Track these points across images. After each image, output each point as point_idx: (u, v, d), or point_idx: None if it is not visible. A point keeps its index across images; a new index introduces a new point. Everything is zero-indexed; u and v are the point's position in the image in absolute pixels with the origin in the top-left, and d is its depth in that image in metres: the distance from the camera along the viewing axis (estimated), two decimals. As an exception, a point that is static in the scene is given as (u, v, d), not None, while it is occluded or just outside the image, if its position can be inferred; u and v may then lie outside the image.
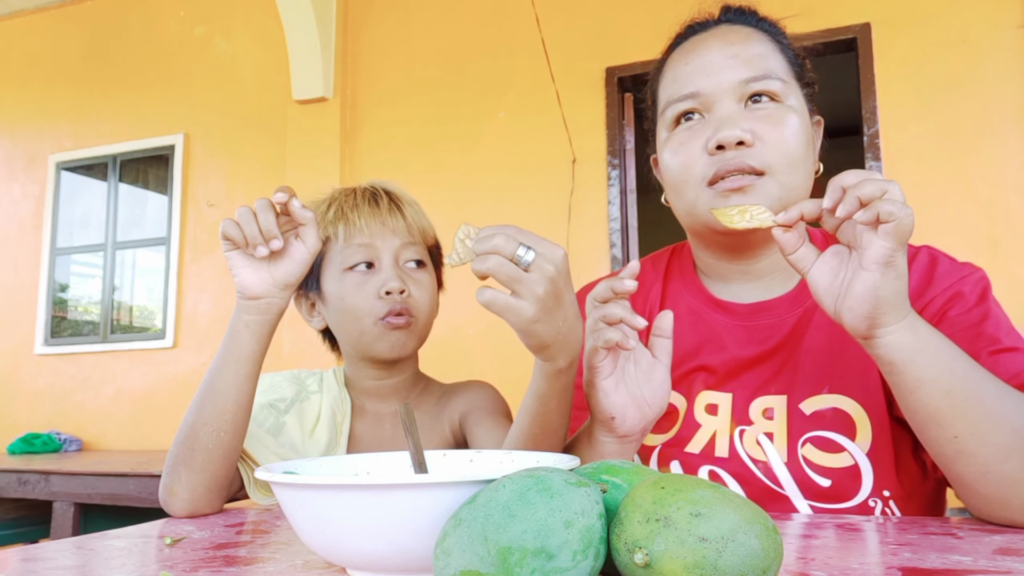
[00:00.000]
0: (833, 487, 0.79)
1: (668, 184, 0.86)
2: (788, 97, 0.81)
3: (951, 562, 0.53)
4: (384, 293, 1.01)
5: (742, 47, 0.82)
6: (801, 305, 0.85)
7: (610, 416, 0.74)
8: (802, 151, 0.80)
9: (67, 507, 3.00)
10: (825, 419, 0.80)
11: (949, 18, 3.02)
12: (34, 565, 0.61)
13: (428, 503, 0.47)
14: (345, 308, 1.03)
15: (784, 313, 0.85)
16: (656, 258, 0.99)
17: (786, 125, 0.79)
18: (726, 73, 0.80)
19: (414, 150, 3.91)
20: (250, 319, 0.84)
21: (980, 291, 0.78)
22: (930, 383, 0.64)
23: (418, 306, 1.04)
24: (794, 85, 0.83)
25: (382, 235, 1.04)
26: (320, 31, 3.91)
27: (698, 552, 0.40)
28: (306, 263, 0.84)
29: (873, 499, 0.78)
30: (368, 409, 1.10)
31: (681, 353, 0.88)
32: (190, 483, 0.86)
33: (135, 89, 4.68)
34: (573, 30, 3.65)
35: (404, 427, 0.66)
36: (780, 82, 0.80)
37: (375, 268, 1.04)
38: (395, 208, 1.07)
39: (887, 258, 0.61)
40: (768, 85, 0.80)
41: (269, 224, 0.79)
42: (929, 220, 2.96)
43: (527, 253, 0.62)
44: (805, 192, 0.81)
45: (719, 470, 0.84)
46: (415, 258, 1.06)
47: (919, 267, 0.81)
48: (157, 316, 4.52)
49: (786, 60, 0.84)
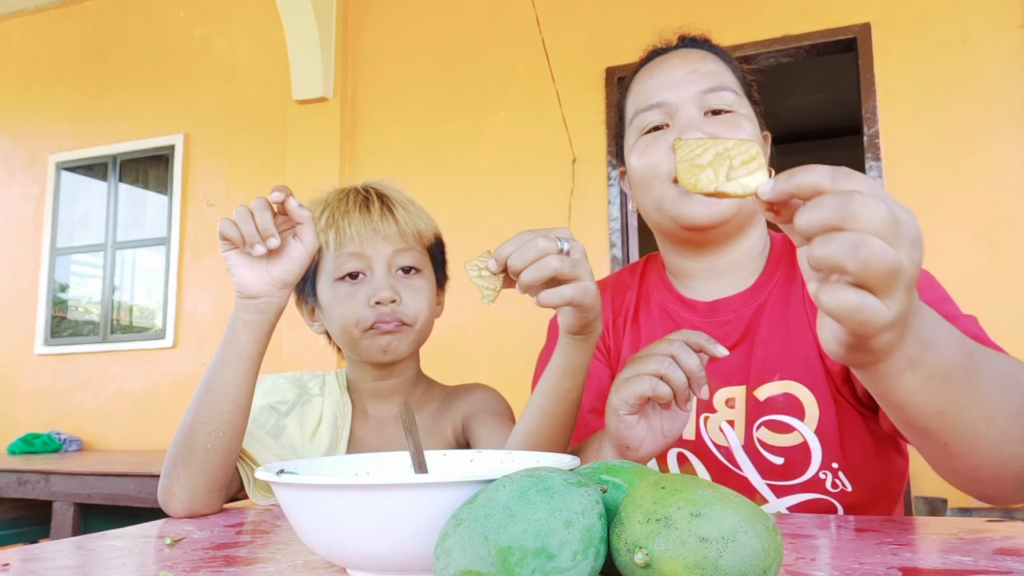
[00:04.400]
0: (786, 464, 0.85)
1: (636, 185, 0.93)
2: (742, 108, 0.90)
3: (951, 562, 0.53)
4: (374, 303, 1.00)
5: (699, 64, 0.91)
6: (756, 300, 0.91)
7: (626, 445, 0.75)
8: None
9: (67, 507, 3.00)
10: (777, 404, 0.86)
11: (949, 18, 3.02)
12: (34, 565, 0.61)
13: (428, 503, 0.47)
14: (335, 317, 1.03)
15: (740, 308, 0.92)
16: (634, 266, 1.07)
17: (742, 129, 0.87)
18: (688, 86, 0.89)
19: (414, 150, 3.91)
20: (249, 318, 0.84)
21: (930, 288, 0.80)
22: (919, 407, 0.57)
23: (411, 313, 1.02)
24: (745, 100, 0.92)
25: (373, 242, 1.02)
26: (320, 31, 3.91)
27: (698, 552, 0.40)
28: (304, 262, 0.84)
29: (823, 472, 0.84)
30: (370, 412, 1.10)
31: None
32: (189, 483, 0.86)
33: (135, 89, 4.68)
34: (573, 30, 3.65)
35: (404, 427, 0.66)
36: (734, 94, 0.89)
37: (367, 276, 1.03)
38: (387, 212, 1.04)
39: (847, 343, 0.49)
40: (724, 96, 0.88)
41: (266, 223, 0.79)
42: (929, 220, 2.96)
43: (563, 242, 0.67)
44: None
45: (686, 451, 0.92)
46: (408, 264, 1.04)
47: None
48: (157, 316, 4.52)
49: (737, 78, 0.93)
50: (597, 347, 0.97)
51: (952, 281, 2.93)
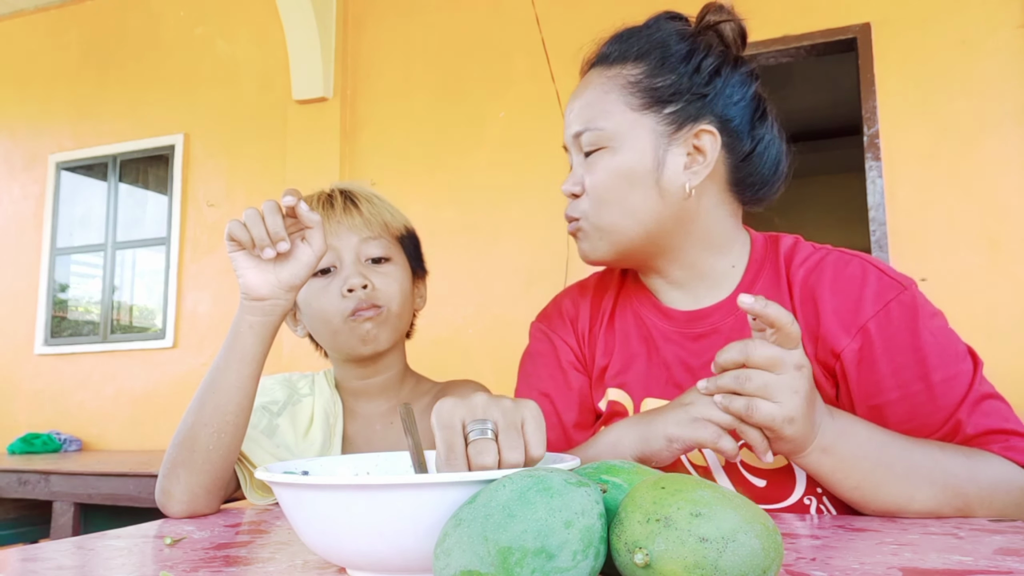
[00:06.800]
0: (768, 487, 0.81)
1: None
2: (616, 138, 0.84)
3: (951, 562, 0.53)
4: (347, 291, 1.01)
5: (584, 98, 0.87)
6: (734, 311, 0.86)
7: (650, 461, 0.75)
8: (616, 193, 0.84)
9: (67, 507, 3.00)
10: None
11: (949, 18, 3.02)
12: (34, 565, 0.61)
13: (428, 503, 0.47)
14: (314, 312, 1.04)
15: (719, 321, 0.86)
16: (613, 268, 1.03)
17: (600, 171, 0.84)
18: (571, 128, 0.88)
19: (414, 150, 3.91)
20: (254, 320, 0.84)
21: (909, 316, 0.76)
22: (839, 483, 0.71)
23: (384, 297, 1.03)
24: (638, 116, 0.84)
25: (338, 234, 1.04)
26: (320, 31, 3.91)
27: (698, 552, 0.40)
28: (312, 265, 0.84)
29: (808, 497, 0.80)
30: (359, 410, 1.10)
31: (627, 355, 0.91)
32: (188, 484, 0.86)
33: (135, 89, 4.68)
34: (573, 30, 3.65)
35: (404, 427, 0.66)
36: (597, 132, 0.84)
37: (338, 268, 1.04)
38: (351, 206, 1.06)
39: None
40: (588, 137, 0.85)
41: (277, 226, 0.79)
42: (929, 220, 2.96)
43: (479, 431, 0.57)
44: (634, 224, 0.84)
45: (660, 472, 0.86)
46: (377, 254, 1.05)
47: (849, 284, 0.79)
48: (157, 316, 4.52)
49: (637, 91, 0.84)
50: (573, 357, 0.95)
51: (952, 281, 2.93)
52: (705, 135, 0.83)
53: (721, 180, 0.86)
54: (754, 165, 0.86)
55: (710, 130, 0.83)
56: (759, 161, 0.86)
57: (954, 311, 0.82)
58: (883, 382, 0.76)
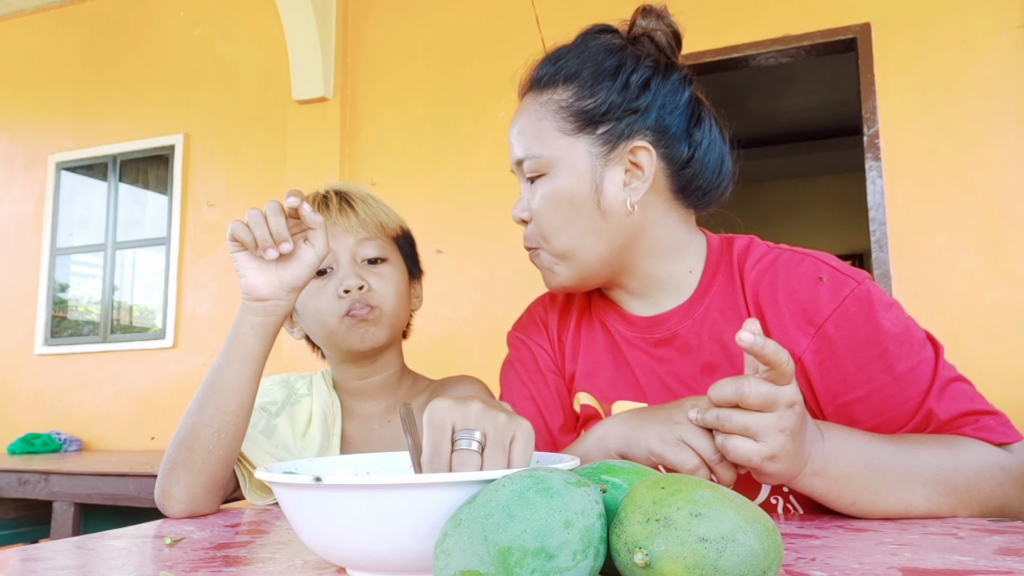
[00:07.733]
0: (735, 487, 0.80)
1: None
2: (553, 164, 0.84)
3: (951, 562, 0.53)
4: (343, 292, 1.01)
5: (519, 124, 0.89)
6: (692, 314, 0.85)
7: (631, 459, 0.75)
8: (560, 218, 0.84)
9: (67, 507, 3.00)
10: None
11: (949, 18, 3.02)
12: (34, 565, 0.61)
13: (428, 503, 0.47)
14: (310, 313, 1.04)
15: (677, 324, 0.86)
16: None
17: (541, 197, 0.85)
18: (512, 154, 0.89)
19: (414, 150, 3.91)
20: (255, 320, 0.84)
21: (866, 310, 0.76)
22: (835, 501, 0.70)
23: (380, 298, 1.04)
24: (572, 140, 0.83)
25: (334, 235, 1.04)
26: (320, 31, 3.91)
27: (698, 552, 0.40)
28: (314, 266, 0.84)
29: (774, 497, 0.81)
30: (356, 410, 1.10)
31: (593, 360, 0.91)
32: (188, 485, 0.86)
33: (135, 89, 4.68)
34: (573, 30, 3.64)
35: (404, 427, 0.66)
36: (535, 159, 0.84)
37: (334, 270, 1.04)
38: (346, 207, 1.07)
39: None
40: (528, 164, 0.86)
41: (279, 227, 0.80)
42: (929, 220, 2.96)
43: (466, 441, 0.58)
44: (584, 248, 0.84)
45: None
46: (373, 255, 1.06)
47: (802, 284, 0.79)
48: (157, 316, 4.52)
49: (569, 115, 0.84)
50: (551, 361, 0.95)
51: (952, 281, 2.92)
52: (640, 151, 0.82)
53: (664, 190, 0.85)
54: (695, 170, 0.85)
55: (644, 146, 0.82)
56: (700, 165, 0.85)
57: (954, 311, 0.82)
58: (848, 380, 0.76)
